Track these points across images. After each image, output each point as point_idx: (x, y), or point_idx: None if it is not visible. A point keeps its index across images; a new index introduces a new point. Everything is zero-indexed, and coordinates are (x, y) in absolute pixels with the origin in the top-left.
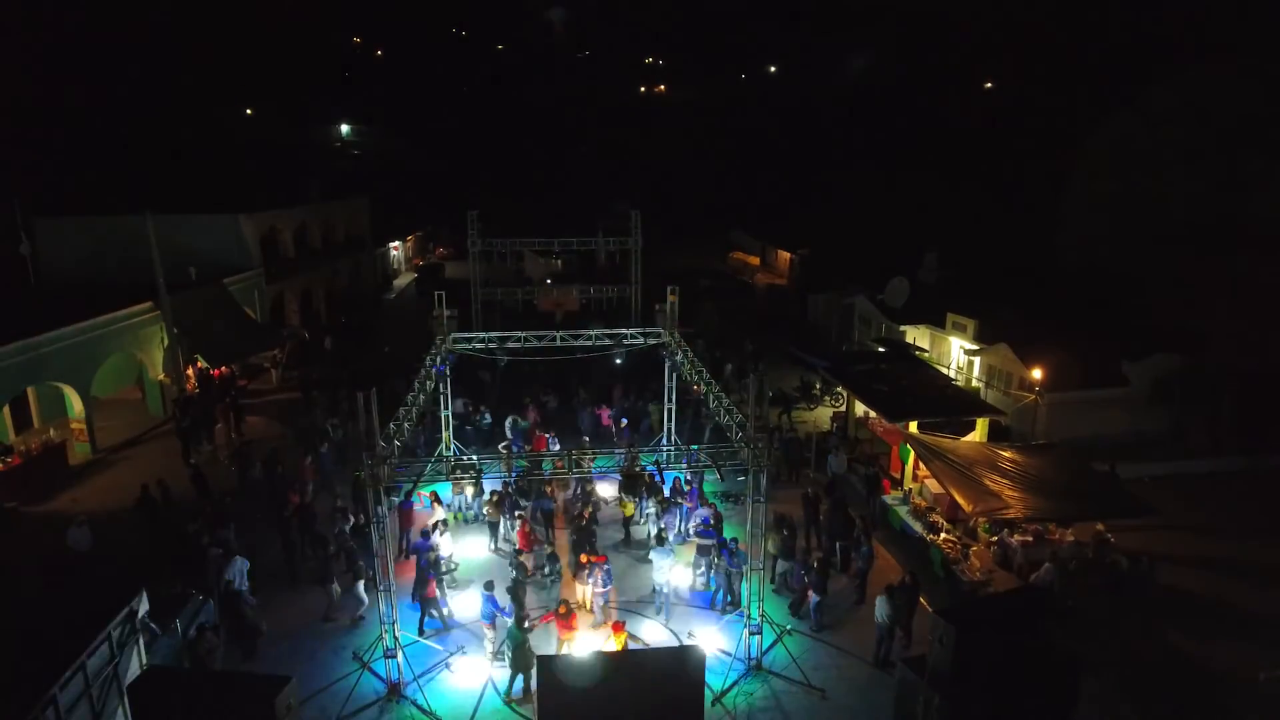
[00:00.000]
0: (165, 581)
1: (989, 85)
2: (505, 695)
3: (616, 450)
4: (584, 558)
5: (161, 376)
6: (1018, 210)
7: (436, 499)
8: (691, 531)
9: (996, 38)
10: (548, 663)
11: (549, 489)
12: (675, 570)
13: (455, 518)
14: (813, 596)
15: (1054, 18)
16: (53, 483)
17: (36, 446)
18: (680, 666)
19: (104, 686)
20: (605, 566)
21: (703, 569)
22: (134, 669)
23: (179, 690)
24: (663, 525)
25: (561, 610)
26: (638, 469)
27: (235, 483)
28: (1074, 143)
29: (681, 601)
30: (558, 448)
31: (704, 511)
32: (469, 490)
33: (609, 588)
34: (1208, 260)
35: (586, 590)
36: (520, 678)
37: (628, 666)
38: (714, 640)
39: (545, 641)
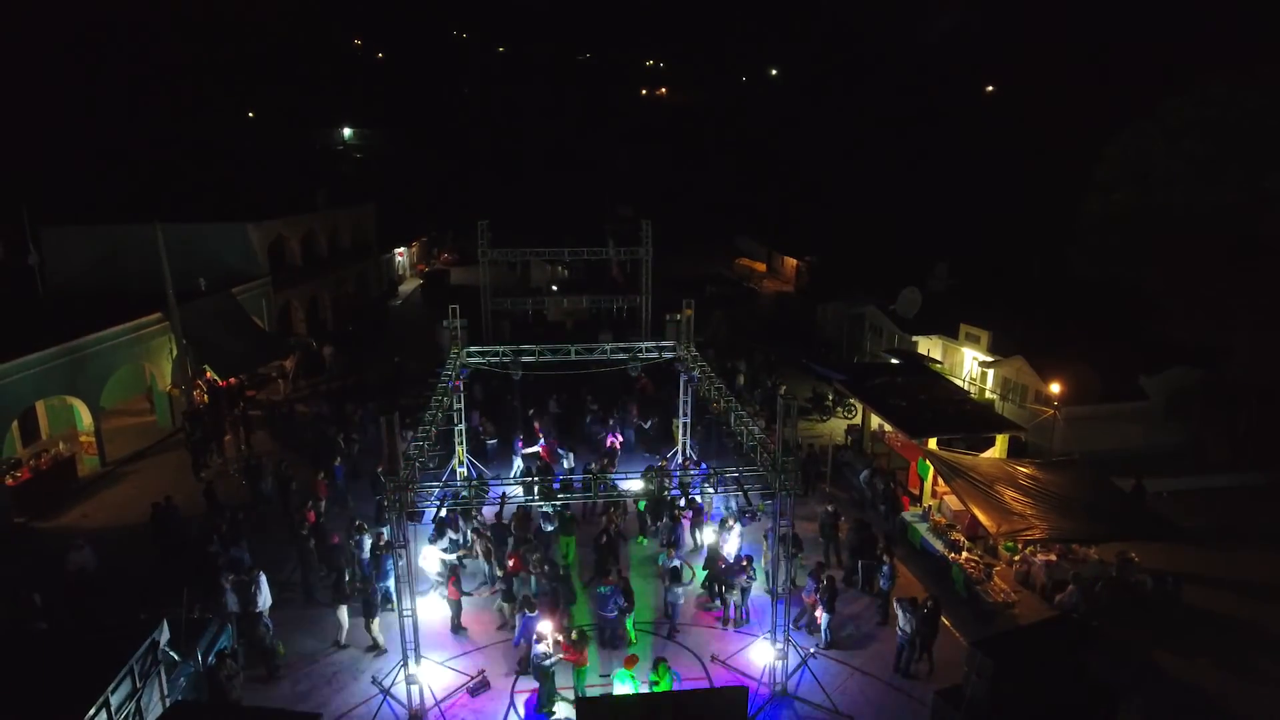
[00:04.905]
0: (182, 605)
1: (990, 89)
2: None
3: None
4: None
5: (170, 388)
6: (1030, 219)
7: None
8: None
9: (1013, 45)
10: (587, 704)
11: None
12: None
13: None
14: (823, 615)
15: (1070, 25)
16: (62, 497)
17: (46, 461)
18: (724, 707)
19: None
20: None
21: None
22: (155, 701)
23: None
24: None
25: (574, 637)
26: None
27: (246, 497)
28: (1090, 153)
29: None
30: (568, 461)
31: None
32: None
33: (614, 613)
34: (1226, 273)
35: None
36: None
37: (668, 708)
38: (736, 662)
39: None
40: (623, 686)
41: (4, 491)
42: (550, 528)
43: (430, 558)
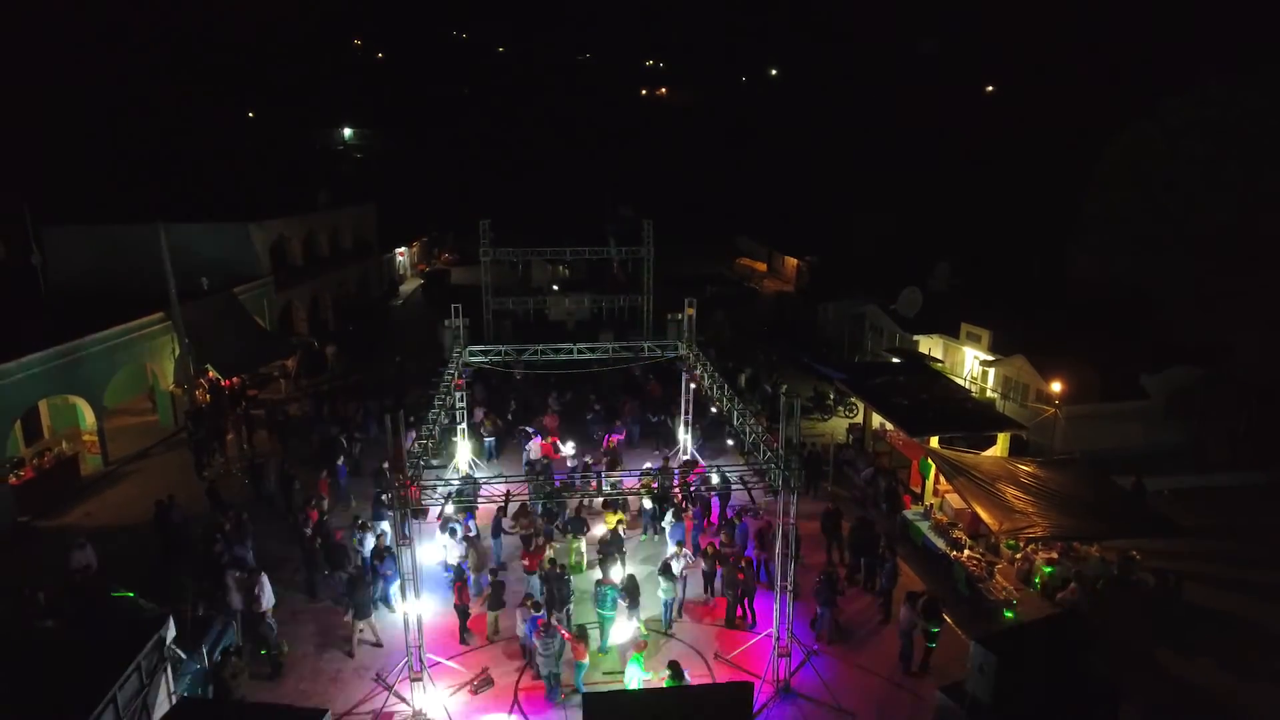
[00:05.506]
0: (187, 603)
1: (990, 89)
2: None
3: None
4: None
5: (172, 388)
6: (1031, 219)
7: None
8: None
9: (1014, 44)
10: (595, 700)
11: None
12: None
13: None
14: (820, 610)
15: (1073, 25)
16: (65, 496)
17: (49, 460)
18: (728, 702)
19: (134, 718)
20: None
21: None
22: (162, 698)
23: None
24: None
25: (575, 634)
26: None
27: (249, 495)
28: (1090, 153)
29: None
30: (569, 459)
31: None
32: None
33: (613, 612)
34: (1226, 273)
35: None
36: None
37: (675, 703)
38: (739, 660)
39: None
40: (634, 669)
41: (7, 490)
42: (552, 529)
43: (450, 549)
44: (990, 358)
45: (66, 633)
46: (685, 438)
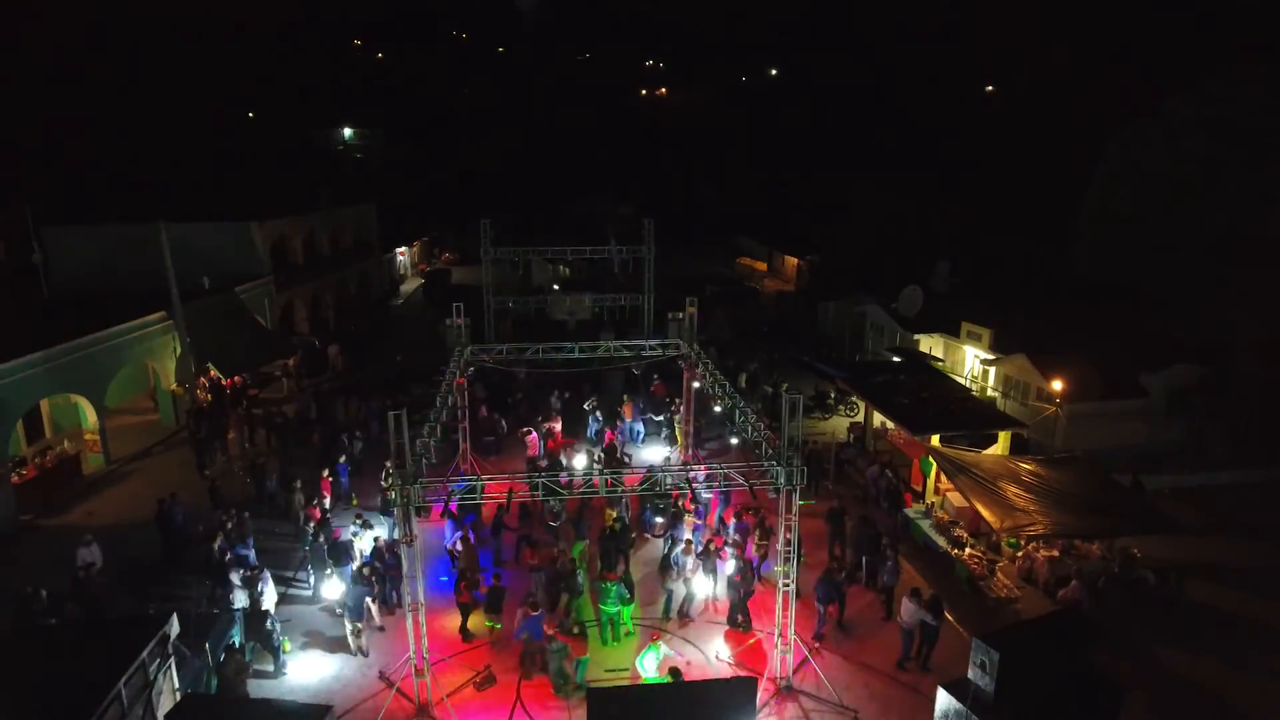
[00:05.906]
0: (191, 600)
1: (990, 89)
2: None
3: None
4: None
5: (174, 387)
6: (1032, 219)
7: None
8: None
9: (1014, 43)
10: (600, 695)
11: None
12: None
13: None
14: (818, 607)
15: (1073, 24)
16: (67, 495)
17: (51, 459)
18: (732, 698)
19: (139, 714)
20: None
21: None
22: (166, 694)
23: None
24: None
25: (575, 631)
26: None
27: (251, 494)
28: (1090, 152)
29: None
30: (579, 457)
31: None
32: None
33: (616, 608)
34: (1227, 271)
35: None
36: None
37: (680, 698)
38: (740, 658)
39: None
40: (650, 657)
41: (9, 489)
42: (556, 524)
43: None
44: (991, 356)
45: (71, 629)
46: (686, 437)
